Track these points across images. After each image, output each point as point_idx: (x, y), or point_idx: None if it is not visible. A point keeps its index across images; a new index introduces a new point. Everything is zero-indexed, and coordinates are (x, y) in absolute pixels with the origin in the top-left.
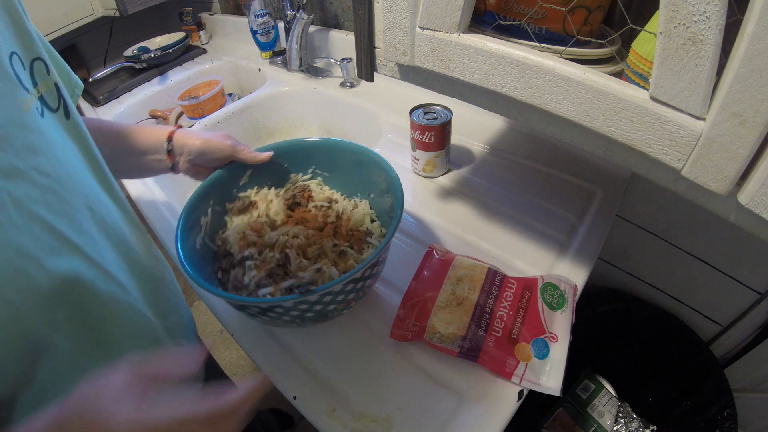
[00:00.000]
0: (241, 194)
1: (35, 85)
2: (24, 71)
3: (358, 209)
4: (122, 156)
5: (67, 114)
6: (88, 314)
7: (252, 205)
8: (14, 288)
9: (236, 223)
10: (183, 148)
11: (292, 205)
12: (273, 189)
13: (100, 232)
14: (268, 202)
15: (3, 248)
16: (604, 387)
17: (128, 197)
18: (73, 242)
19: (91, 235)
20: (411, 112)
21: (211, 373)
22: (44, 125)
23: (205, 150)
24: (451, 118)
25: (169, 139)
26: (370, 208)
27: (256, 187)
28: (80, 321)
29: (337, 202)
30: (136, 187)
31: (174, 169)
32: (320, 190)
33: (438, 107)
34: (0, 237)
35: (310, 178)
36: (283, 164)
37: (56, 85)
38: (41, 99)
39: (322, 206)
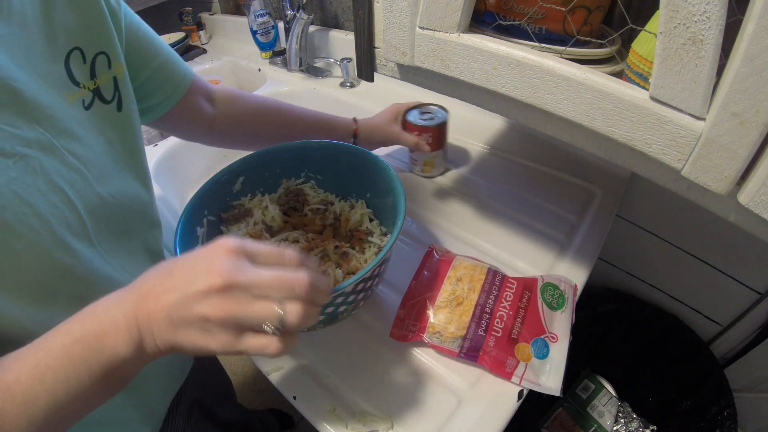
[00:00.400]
0: (235, 202)
1: (93, 77)
2: (83, 65)
3: (355, 210)
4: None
5: (120, 107)
6: (82, 290)
7: (247, 212)
8: (23, 241)
9: (233, 232)
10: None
11: (288, 210)
12: (267, 195)
13: (109, 218)
14: (264, 208)
15: (23, 205)
16: (604, 387)
17: None
18: (84, 219)
19: (101, 218)
20: (407, 112)
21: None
22: (85, 116)
23: (370, 135)
24: (447, 118)
25: (355, 135)
26: (367, 207)
27: (249, 195)
28: (77, 295)
29: (332, 204)
30: None
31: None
32: (314, 193)
33: (434, 107)
34: (24, 195)
35: (303, 182)
36: (275, 169)
37: (114, 79)
38: (96, 90)
39: (318, 209)
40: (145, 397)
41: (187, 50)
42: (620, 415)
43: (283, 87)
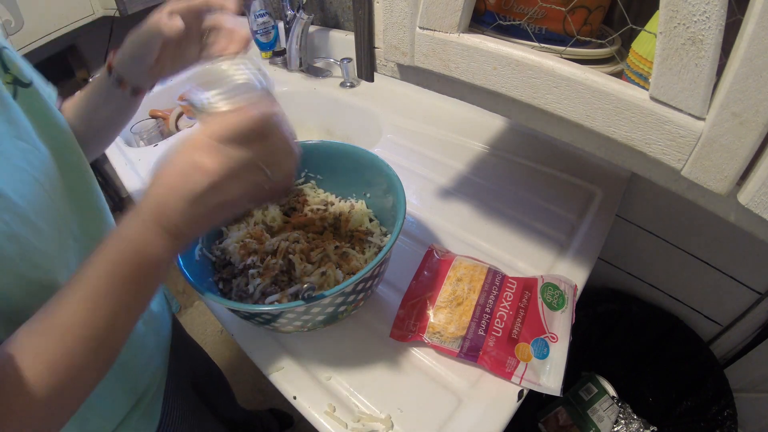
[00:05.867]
0: None
1: (7, 71)
2: None
3: (355, 210)
4: (95, 117)
5: (40, 86)
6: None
7: (247, 212)
8: None
9: (233, 232)
10: (121, 65)
11: (288, 211)
12: None
13: (42, 196)
14: (264, 208)
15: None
16: (606, 392)
17: (127, 198)
18: (17, 204)
19: (32, 200)
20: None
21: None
22: (15, 107)
23: (128, 44)
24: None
25: (110, 69)
26: (367, 207)
27: None
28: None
29: (332, 204)
30: (134, 183)
31: (136, 91)
32: (314, 194)
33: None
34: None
35: (303, 182)
36: None
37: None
38: (14, 81)
39: (318, 209)
40: (130, 375)
41: None
42: (621, 416)
43: (283, 87)
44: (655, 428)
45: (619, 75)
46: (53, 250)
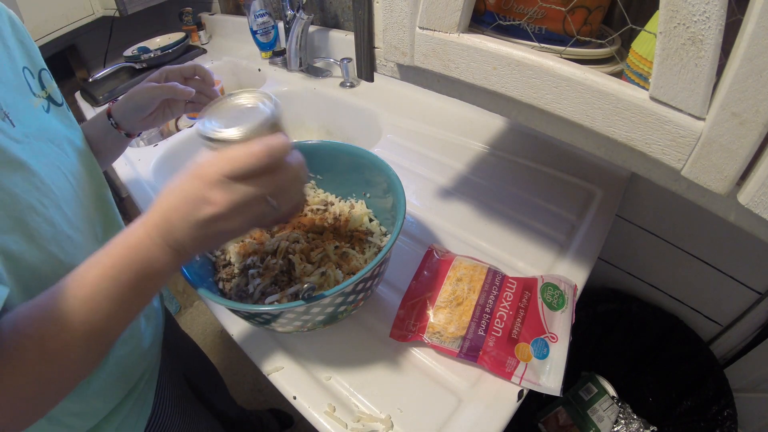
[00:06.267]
0: None
1: (43, 88)
2: (33, 79)
3: (355, 210)
4: (96, 144)
5: (68, 108)
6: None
7: None
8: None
9: None
10: (119, 114)
11: None
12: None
13: (70, 191)
14: None
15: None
16: (606, 392)
17: (127, 197)
18: (53, 191)
19: (63, 192)
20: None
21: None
22: (49, 117)
23: (128, 99)
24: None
25: (110, 115)
26: (367, 207)
27: None
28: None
29: (332, 204)
30: (134, 183)
31: (130, 135)
32: (314, 194)
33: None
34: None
35: None
36: None
37: (57, 88)
38: (49, 98)
39: (318, 209)
40: (128, 366)
41: (187, 50)
42: (621, 416)
43: (283, 87)
44: (655, 428)
45: (619, 75)
46: (80, 240)
